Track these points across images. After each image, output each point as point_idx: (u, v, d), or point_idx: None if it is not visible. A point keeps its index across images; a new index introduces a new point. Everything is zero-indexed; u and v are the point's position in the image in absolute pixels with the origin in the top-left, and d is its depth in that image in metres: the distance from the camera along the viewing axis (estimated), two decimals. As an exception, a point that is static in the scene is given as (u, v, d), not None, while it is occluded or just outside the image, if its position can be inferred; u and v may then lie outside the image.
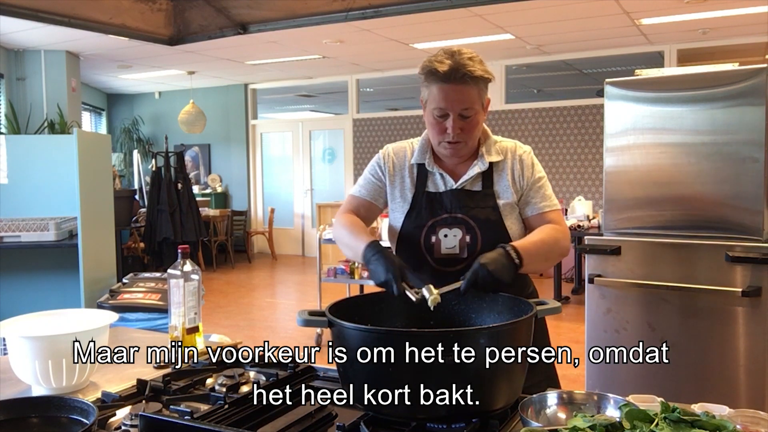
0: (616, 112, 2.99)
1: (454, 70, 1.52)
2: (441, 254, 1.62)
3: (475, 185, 1.66)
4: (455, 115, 1.56)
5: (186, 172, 8.04)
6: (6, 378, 1.48)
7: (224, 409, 1.19)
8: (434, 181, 1.69)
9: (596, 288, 3.02)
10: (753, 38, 7.08)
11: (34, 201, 4.45)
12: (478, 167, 1.65)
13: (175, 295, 1.66)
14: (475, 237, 1.61)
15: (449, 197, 1.65)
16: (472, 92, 1.55)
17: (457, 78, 1.52)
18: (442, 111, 1.57)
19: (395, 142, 1.81)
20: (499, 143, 1.71)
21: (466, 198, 1.64)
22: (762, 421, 1.11)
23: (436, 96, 1.57)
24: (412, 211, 1.68)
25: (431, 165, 1.69)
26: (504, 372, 1.17)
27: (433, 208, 1.65)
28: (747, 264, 2.66)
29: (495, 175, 1.67)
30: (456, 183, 1.66)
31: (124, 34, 2.08)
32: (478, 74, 1.53)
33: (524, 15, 6.20)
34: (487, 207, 1.63)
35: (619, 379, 2.91)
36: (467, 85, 1.53)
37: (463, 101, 1.55)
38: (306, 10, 1.96)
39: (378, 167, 1.77)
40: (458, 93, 1.54)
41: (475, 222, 1.61)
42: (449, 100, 1.55)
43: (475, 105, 1.57)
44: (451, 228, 1.62)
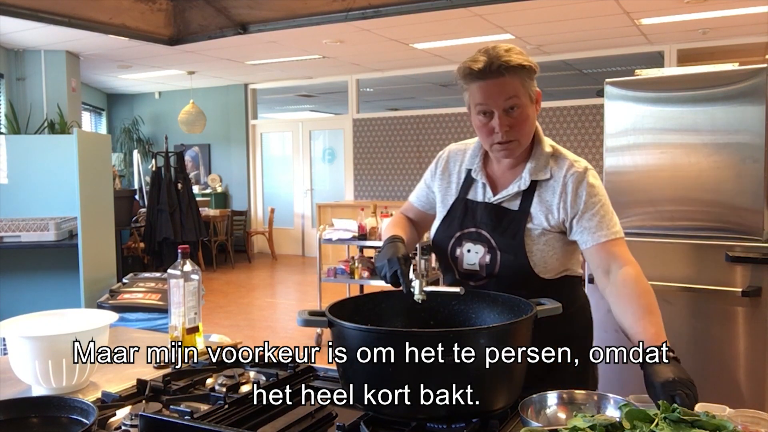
0: (616, 112, 2.99)
1: (490, 64, 1.44)
2: (463, 269, 1.58)
3: (513, 203, 1.55)
4: (500, 112, 1.46)
5: (186, 172, 8.04)
6: (6, 378, 1.48)
7: (224, 409, 1.19)
8: (476, 190, 1.61)
9: (596, 288, 3.01)
10: (753, 38, 7.08)
11: (34, 201, 4.45)
12: (519, 186, 1.54)
13: (175, 295, 1.66)
14: (494, 258, 1.53)
15: (482, 211, 1.57)
16: (514, 83, 1.45)
17: (494, 71, 1.43)
18: (485, 108, 1.47)
19: (460, 142, 1.72)
20: (554, 156, 1.58)
21: (497, 216, 1.55)
22: (762, 421, 1.11)
23: (476, 95, 1.48)
24: (447, 218, 1.63)
25: (477, 172, 1.60)
26: (504, 372, 1.17)
27: (464, 220, 1.59)
28: (747, 264, 2.66)
29: (536, 195, 1.54)
30: (494, 196, 1.57)
31: (124, 34, 2.08)
32: (515, 63, 1.44)
33: (524, 15, 6.20)
34: (513, 230, 1.52)
35: (619, 379, 2.91)
36: (506, 77, 1.44)
37: (505, 94, 1.44)
38: (306, 10, 1.96)
39: (430, 171, 1.72)
40: (498, 86, 1.44)
41: (497, 243, 1.53)
42: (489, 95, 1.45)
43: (520, 96, 1.46)
44: (476, 244, 1.55)
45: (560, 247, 1.55)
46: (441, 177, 1.68)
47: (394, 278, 1.42)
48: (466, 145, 1.69)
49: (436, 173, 1.70)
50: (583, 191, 1.53)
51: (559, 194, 1.53)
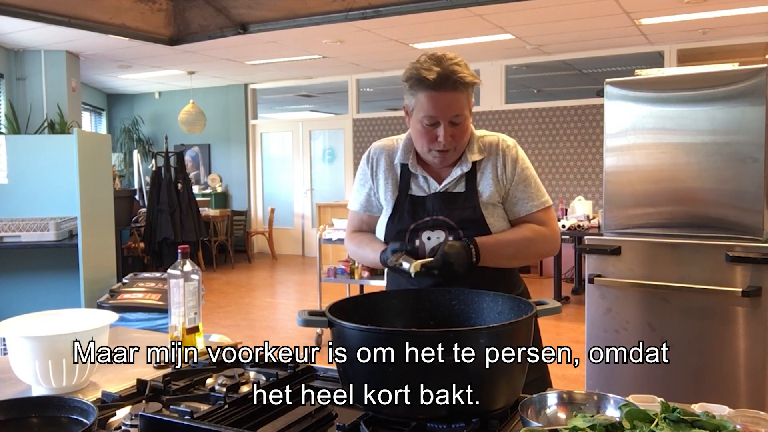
0: (616, 112, 2.99)
1: (444, 78, 1.50)
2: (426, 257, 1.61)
3: (458, 186, 1.64)
4: (446, 123, 1.53)
5: (186, 172, 8.04)
6: (6, 378, 1.48)
7: (224, 409, 1.19)
8: (418, 184, 1.67)
9: (596, 288, 3.02)
10: (753, 38, 7.08)
11: (34, 201, 4.45)
12: (461, 169, 1.63)
13: (175, 295, 1.66)
14: (458, 238, 1.58)
15: (431, 200, 1.63)
16: (462, 98, 1.53)
17: (448, 85, 1.50)
18: (433, 119, 1.54)
19: (380, 140, 1.78)
20: (482, 138, 1.68)
21: (448, 200, 1.62)
22: (762, 421, 1.11)
23: (425, 104, 1.53)
24: (395, 214, 1.67)
25: (414, 166, 1.66)
26: (504, 372, 1.17)
27: (415, 212, 1.64)
28: (747, 264, 2.66)
29: (478, 174, 1.64)
30: (439, 185, 1.64)
31: (124, 34, 2.08)
32: (468, 80, 1.52)
33: (524, 15, 6.20)
34: (469, 207, 1.61)
35: (619, 379, 2.91)
36: (457, 92, 1.51)
37: (454, 108, 1.52)
38: (306, 10, 1.96)
39: (365, 174, 1.76)
40: (448, 100, 1.52)
41: (457, 223, 1.60)
42: (439, 108, 1.52)
43: (465, 111, 1.55)
44: (434, 230, 1.61)
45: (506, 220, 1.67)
46: (378, 174, 1.72)
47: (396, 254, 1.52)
48: (391, 141, 1.74)
49: (374, 173, 1.73)
50: (515, 162, 1.66)
51: (497, 166, 1.64)
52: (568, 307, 6.51)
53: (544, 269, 8.28)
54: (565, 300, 6.80)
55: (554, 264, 6.76)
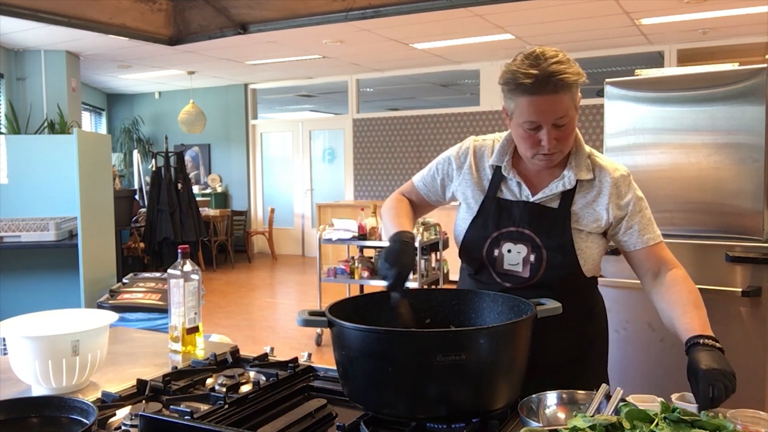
0: (616, 112, 2.99)
1: (544, 80, 1.36)
2: (503, 269, 1.53)
3: (553, 202, 1.51)
4: (549, 127, 1.40)
5: (186, 172, 8.04)
6: (6, 378, 1.48)
7: (224, 409, 1.19)
8: (510, 188, 1.55)
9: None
10: (753, 38, 7.08)
11: (34, 201, 4.45)
12: (563, 185, 1.50)
13: (175, 295, 1.66)
14: (540, 257, 1.48)
15: (520, 209, 1.51)
16: (565, 99, 1.39)
17: (548, 88, 1.36)
18: (534, 124, 1.40)
19: (481, 135, 1.65)
20: (592, 158, 1.55)
21: (538, 214, 1.50)
22: (762, 421, 1.11)
23: (525, 109, 1.40)
24: (479, 218, 1.55)
25: (508, 170, 1.54)
26: (504, 372, 1.17)
27: (500, 219, 1.52)
28: (747, 264, 2.66)
29: (578, 195, 1.51)
30: (533, 195, 1.52)
31: (124, 34, 2.08)
32: (571, 80, 1.38)
33: (524, 15, 6.20)
34: (560, 228, 1.49)
35: (619, 380, 2.91)
36: (559, 94, 1.37)
37: (557, 111, 1.38)
38: (306, 10, 1.96)
39: (451, 162, 1.63)
40: (551, 104, 1.38)
41: (543, 242, 1.48)
42: (541, 112, 1.38)
43: (570, 112, 1.40)
44: (516, 244, 1.50)
45: (601, 247, 1.56)
46: (468, 171, 1.60)
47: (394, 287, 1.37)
48: (488, 141, 1.62)
49: (463, 166, 1.61)
50: (632, 194, 1.54)
51: (608, 195, 1.51)
52: (568, 307, 6.50)
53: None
54: (565, 300, 6.79)
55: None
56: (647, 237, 1.54)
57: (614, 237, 1.56)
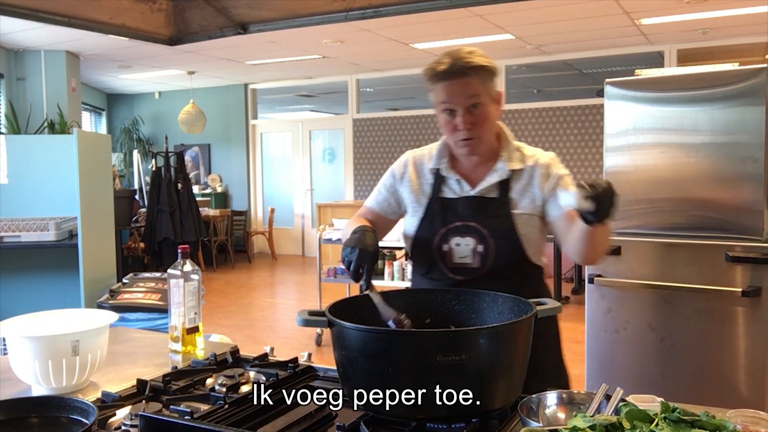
0: (616, 112, 2.99)
1: (452, 65, 1.52)
2: (454, 263, 1.60)
3: (492, 192, 1.62)
4: (463, 110, 1.54)
5: (186, 172, 8.04)
6: (6, 378, 1.48)
7: (224, 409, 1.19)
8: (450, 187, 1.66)
9: (596, 288, 3.02)
10: (753, 38, 7.08)
11: (34, 201, 4.45)
12: (498, 175, 1.62)
13: (175, 295, 1.66)
14: (487, 247, 1.57)
15: (463, 204, 1.62)
16: (475, 83, 1.53)
17: (456, 71, 1.52)
18: (449, 107, 1.55)
19: (417, 148, 1.78)
20: (521, 150, 1.67)
21: (480, 205, 1.60)
22: (762, 421, 1.11)
23: (440, 94, 1.56)
24: (426, 218, 1.65)
25: (447, 170, 1.66)
26: (504, 372, 1.17)
27: (445, 216, 1.62)
28: (747, 264, 2.66)
29: (513, 183, 1.63)
30: (473, 189, 1.63)
31: (124, 34, 2.08)
32: (476, 63, 1.52)
33: (524, 15, 6.20)
34: (502, 216, 1.59)
35: (619, 380, 2.91)
36: (468, 77, 1.52)
37: (467, 92, 1.53)
38: (306, 10, 1.96)
39: (393, 176, 1.75)
40: (460, 86, 1.53)
41: (488, 231, 1.58)
42: (452, 94, 1.54)
43: (481, 96, 1.54)
44: (464, 237, 1.59)
45: (541, 232, 1.65)
46: (409, 182, 1.71)
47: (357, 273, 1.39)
48: (424, 150, 1.75)
49: (403, 178, 1.72)
50: (557, 170, 1.65)
51: (539, 175, 1.63)
52: (568, 307, 6.51)
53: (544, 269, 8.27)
54: (565, 300, 6.81)
55: (554, 264, 6.76)
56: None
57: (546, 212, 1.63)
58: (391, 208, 1.75)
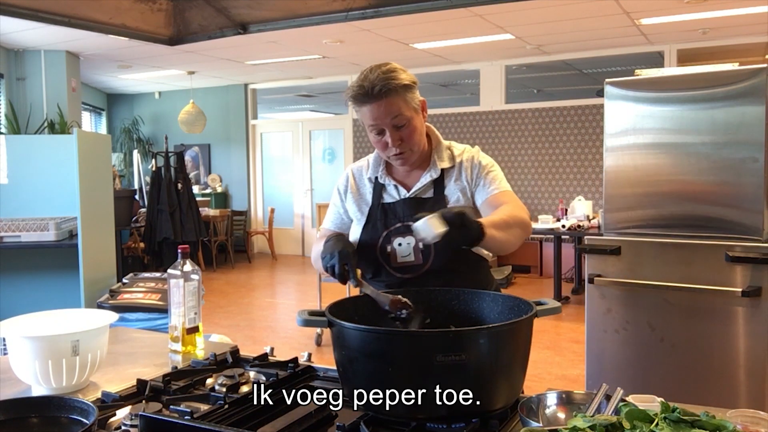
0: (616, 112, 2.99)
1: (371, 88, 1.56)
2: (398, 263, 1.66)
3: (427, 192, 1.70)
4: (390, 129, 1.60)
5: (186, 172, 8.04)
6: (6, 378, 1.48)
7: (224, 409, 1.19)
8: (389, 193, 1.73)
9: (596, 288, 3.02)
10: (753, 38, 7.08)
11: (34, 201, 4.45)
12: (430, 175, 1.70)
13: (175, 295, 1.66)
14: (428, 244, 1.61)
15: (401, 206, 1.69)
16: (397, 102, 1.58)
17: (376, 94, 1.56)
18: (376, 128, 1.61)
19: (356, 162, 1.86)
20: (451, 149, 1.75)
21: (417, 206, 1.66)
22: (762, 421, 1.11)
23: (365, 117, 1.61)
24: (368, 223, 1.72)
25: (383, 177, 1.74)
26: (504, 372, 1.18)
27: (387, 219, 1.69)
28: (747, 264, 2.66)
29: (446, 180, 1.70)
30: (409, 192, 1.71)
31: (124, 34, 2.08)
32: (393, 85, 1.57)
33: (524, 15, 6.20)
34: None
35: (619, 380, 2.91)
36: (389, 98, 1.57)
37: (391, 113, 1.58)
38: (306, 10, 1.96)
39: (338, 193, 1.83)
40: (384, 107, 1.58)
41: None
42: (376, 116, 1.59)
43: (405, 113, 1.60)
44: (405, 236, 1.65)
45: None
46: (351, 193, 1.79)
47: (343, 272, 1.47)
48: (363, 161, 1.83)
49: (346, 192, 1.81)
50: (480, 160, 1.73)
51: (465, 168, 1.71)
52: (568, 307, 6.51)
53: (544, 269, 8.28)
54: (565, 300, 6.80)
55: (554, 264, 6.76)
56: (491, 188, 1.69)
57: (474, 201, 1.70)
58: (345, 224, 1.83)
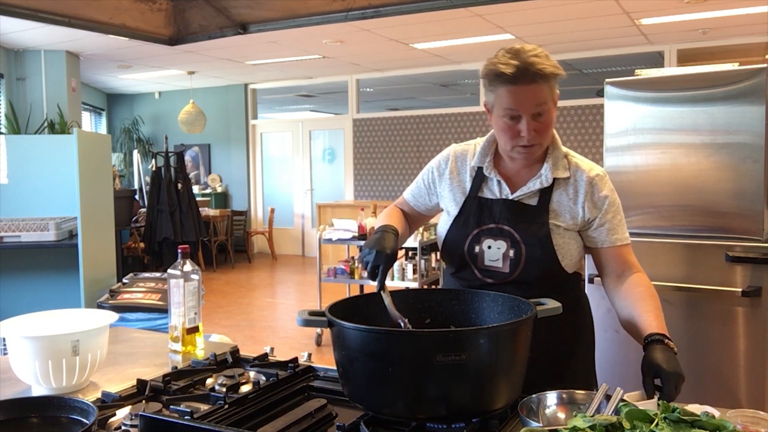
0: (616, 112, 2.99)
1: (523, 70, 1.43)
2: (484, 266, 1.56)
3: (532, 199, 1.56)
4: (528, 117, 1.46)
5: (186, 172, 8.04)
6: (6, 378, 1.48)
7: (224, 409, 1.19)
8: (490, 188, 1.60)
9: (596, 288, 3.01)
10: (753, 38, 7.08)
11: (34, 201, 4.45)
12: (540, 182, 1.55)
13: (175, 295, 1.66)
14: (519, 252, 1.52)
15: (500, 207, 1.56)
16: (544, 90, 1.46)
17: (527, 78, 1.43)
18: (514, 113, 1.46)
19: (462, 143, 1.71)
20: (569, 157, 1.60)
21: (517, 211, 1.55)
22: (762, 421, 1.11)
23: (504, 99, 1.47)
24: (460, 216, 1.60)
25: (489, 170, 1.60)
26: (504, 372, 1.17)
27: (480, 216, 1.57)
28: (747, 264, 2.66)
29: (555, 191, 1.56)
30: (512, 193, 1.57)
31: (124, 34, 2.08)
32: (549, 71, 1.44)
33: (524, 15, 6.20)
34: (538, 223, 1.53)
35: (620, 380, 2.91)
36: (538, 84, 1.44)
37: (536, 100, 1.45)
38: (306, 10, 1.96)
39: (432, 171, 1.70)
40: (529, 93, 1.44)
41: (521, 237, 1.52)
42: (520, 101, 1.45)
43: (548, 103, 1.47)
44: (496, 240, 1.54)
45: (579, 244, 1.60)
46: (450, 177, 1.66)
47: (374, 273, 1.41)
48: (469, 146, 1.68)
49: (444, 174, 1.67)
50: (607, 193, 1.57)
51: (585, 193, 1.56)
52: (568, 307, 6.50)
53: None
54: (565, 300, 6.79)
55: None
56: (615, 237, 1.58)
57: (585, 233, 1.59)
58: (425, 204, 1.73)
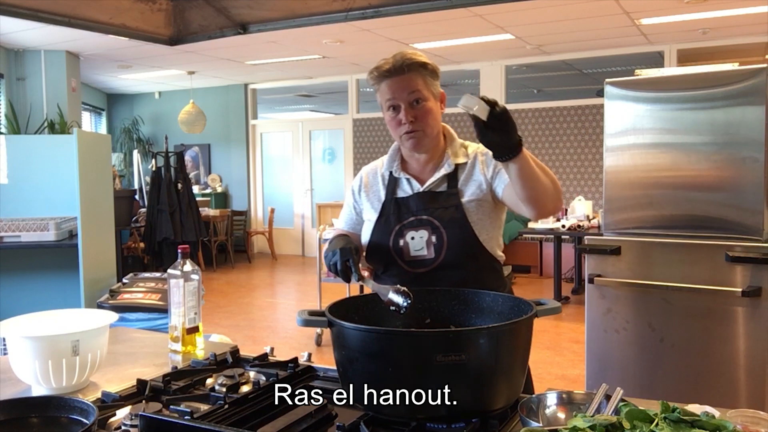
0: (616, 112, 2.99)
1: (396, 63, 1.62)
2: (410, 257, 1.65)
3: (440, 187, 1.70)
4: (405, 105, 1.62)
5: (186, 172, 8.04)
6: (6, 378, 1.48)
7: (224, 409, 1.19)
8: (402, 188, 1.74)
9: (596, 288, 3.02)
10: (753, 38, 7.08)
11: (34, 201, 4.45)
12: (444, 169, 1.70)
13: (175, 295, 1.66)
14: (440, 236, 1.63)
15: (415, 200, 1.69)
16: (417, 80, 1.62)
17: (399, 69, 1.61)
18: (392, 103, 1.63)
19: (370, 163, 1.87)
20: (465, 146, 1.76)
21: (430, 199, 1.68)
22: (762, 421, 1.11)
23: (385, 92, 1.64)
24: (381, 217, 1.72)
25: (398, 171, 1.75)
26: (504, 372, 1.18)
27: (400, 213, 1.69)
28: (747, 264, 2.66)
29: (460, 175, 1.71)
30: (422, 186, 1.71)
31: (124, 34, 2.08)
32: (417, 60, 1.62)
33: (524, 15, 6.20)
34: (451, 206, 1.66)
35: (619, 380, 2.91)
36: (411, 74, 1.61)
37: (408, 88, 1.61)
38: (306, 10, 1.96)
39: (352, 193, 1.84)
40: (402, 82, 1.62)
41: (439, 221, 1.64)
42: (395, 90, 1.62)
43: (423, 91, 1.62)
44: (418, 230, 1.66)
45: (492, 216, 1.69)
46: (365, 191, 1.80)
47: (345, 268, 1.50)
48: (377, 162, 1.84)
49: (360, 192, 1.81)
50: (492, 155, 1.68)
51: (479, 162, 1.71)
52: (568, 307, 6.51)
53: (544, 269, 8.29)
54: (565, 300, 6.80)
55: (554, 264, 6.76)
56: None
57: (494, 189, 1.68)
58: (358, 223, 1.83)
